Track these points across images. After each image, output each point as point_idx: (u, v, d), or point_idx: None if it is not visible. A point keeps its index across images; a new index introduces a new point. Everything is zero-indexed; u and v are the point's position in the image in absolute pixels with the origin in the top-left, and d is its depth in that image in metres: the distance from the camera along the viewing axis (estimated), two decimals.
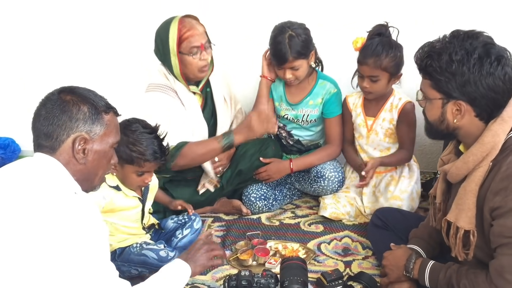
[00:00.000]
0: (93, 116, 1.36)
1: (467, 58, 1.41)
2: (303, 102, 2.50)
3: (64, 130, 1.33)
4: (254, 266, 2.08)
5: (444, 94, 1.47)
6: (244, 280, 1.79)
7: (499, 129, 1.45)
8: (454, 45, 1.43)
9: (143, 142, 1.88)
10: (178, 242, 2.13)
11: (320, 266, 2.12)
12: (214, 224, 2.45)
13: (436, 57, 1.45)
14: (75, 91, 1.38)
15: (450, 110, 1.49)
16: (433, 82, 1.48)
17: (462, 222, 1.52)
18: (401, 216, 2.09)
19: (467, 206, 1.50)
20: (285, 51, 2.28)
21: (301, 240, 2.30)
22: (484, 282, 1.45)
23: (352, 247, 2.25)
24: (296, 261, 1.90)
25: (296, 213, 2.56)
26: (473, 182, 1.49)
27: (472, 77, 1.41)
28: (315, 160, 2.51)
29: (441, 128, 1.53)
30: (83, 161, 1.36)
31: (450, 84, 1.44)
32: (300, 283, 1.79)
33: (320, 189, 2.48)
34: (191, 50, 2.24)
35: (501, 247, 1.43)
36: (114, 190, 1.95)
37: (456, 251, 1.56)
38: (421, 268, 1.64)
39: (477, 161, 1.48)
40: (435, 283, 1.59)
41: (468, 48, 1.42)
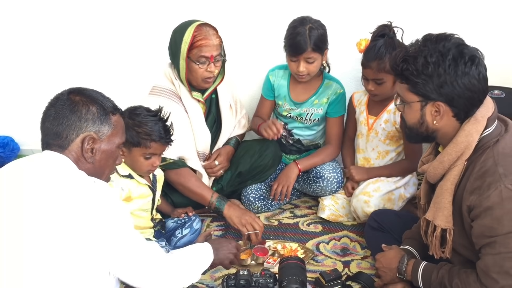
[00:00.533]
0: (102, 117, 1.40)
1: (442, 60, 1.45)
2: (308, 101, 2.50)
3: (73, 129, 1.37)
4: (252, 265, 2.09)
5: (422, 96, 1.51)
6: (242, 279, 1.79)
7: (472, 129, 1.48)
8: (428, 48, 1.47)
9: (148, 124, 1.92)
10: (177, 242, 2.14)
11: (318, 266, 2.12)
12: (213, 224, 2.46)
13: (412, 61, 1.49)
14: (84, 92, 1.42)
15: (429, 112, 1.52)
16: (410, 85, 1.52)
17: (439, 221, 1.55)
18: (397, 218, 2.09)
19: (443, 204, 1.54)
20: (304, 40, 2.27)
21: (299, 240, 2.30)
22: (475, 281, 1.47)
23: (350, 247, 2.26)
24: (294, 260, 1.90)
25: (295, 213, 2.56)
26: (449, 181, 1.52)
27: (448, 77, 1.44)
28: (318, 161, 2.51)
29: (420, 130, 1.56)
30: (91, 160, 1.40)
31: (428, 86, 1.48)
32: (299, 282, 1.79)
33: (319, 190, 2.48)
34: (199, 59, 2.22)
35: (484, 247, 1.45)
36: (128, 178, 1.98)
37: (433, 249, 1.60)
38: (414, 269, 1.66)
39: (452, 161, 1.51)
40: (428, 283, 1.61)
41: (442, 50, 1.46)
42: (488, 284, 1.43)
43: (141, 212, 2.04)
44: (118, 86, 2.87)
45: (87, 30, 2.83)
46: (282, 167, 2.67)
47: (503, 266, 1.41)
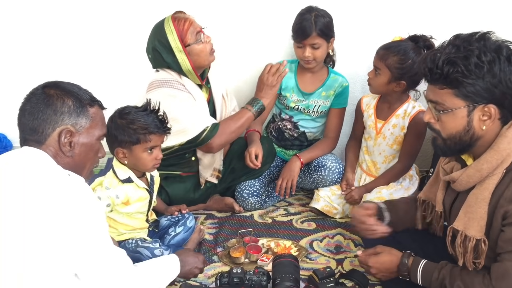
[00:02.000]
0: (78, 109, 1.38)
1: (498, 58, 1.36)
2: (316, 92, 2.53)
3: (49, 123, 1.35)
4: (246, 263, 2.08)
5: (471, 100, 1.39)
6: (236, 277, 1.79)
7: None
8: (478, 46, 1.37)
9: (141, 118, 1.90)
10: (171, 240, 2.13)
11: (312, 263, 2.12)
12: (206, 221, 2.45)
13: (461, 62, 1.36)
14: (59, 85, 1.40)
15: (478, 117, 1.41)
16: (457, 89, 1.39)
17: (473, 231, 1.46)
18: None
19: (479, 214, 1.45)
20: (309, 26, 2.33)
21: (293, 238, 2.30)
22: (480, 283, 1.44)
23: (344, 245, 2.26)
24: (288, 258, 1.90)
25: (288, 210, 2.56)
26: (487, 190, 1.44)
27: (503, 76, 1.36)
28: (319, 153, 2.56)
29: (464, 139, 1.44)
30: (70, 154, 1.39)
31: (478, 87, 1.36)
32: (292, 280, 1.79)
33: (320, 179, 2.49)
34: (197, 36, 2.25)
35: (509, 253, 1.41)
36: (126, 183, 1.96)
37: (466, 260, 1.50)
38: (413, 267, 1.64)
39: (491, 169, 1.43)
40: (428, 282, 1.59)
41: (494, 47, 1.37)
42: (499, 287, 1.41)
43: (137, 214, 2.03)
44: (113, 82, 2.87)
45: (80, 27, 2.80)
46: (278, 163, 2.68)
47: None
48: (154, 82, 2.29)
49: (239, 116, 2.38)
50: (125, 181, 1.97)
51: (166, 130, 1.97)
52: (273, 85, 2.39)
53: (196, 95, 2.33)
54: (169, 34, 2.21)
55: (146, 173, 2.05)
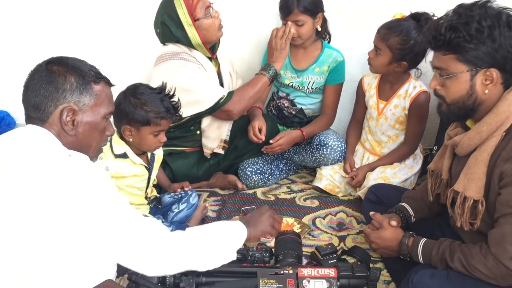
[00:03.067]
0: (81, 86, 1.34)
1: (498, 23, 1.39)
2: (309, 69, 2.50)
3: (51, 101, 1.32)
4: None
5: (473, 64, 1.43)
6: (238, 253, 1.79)
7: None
8: (478, 13, 1.41)
9: (155, 101, 1.90)
10: (174, 217, 2.15)
11: (314, 240, 2.14)
12: (209, 199, 2.46)
13: (463, 27, 1.41)
14: (62, 61, 1.36)
15: (480, 81, 1.45)
16: (459, 54, 1.43)
17: (471, 192, 1.51)
18: (397, 192, 2.09)
19: (477, 175, 1.50)
20: (292, 2, 2.27)
21: (296, 215, 2.31)
22: (478, 253, 1.46)
23: (346, 222, 2.27)
24: (290, 235, 1.91)
25: (291, 188, 2.57)
26: (485, 152, 1.48)
27: (504, 41, 1.40)
28: (317, 128, 2.55)
29: (467, 103, 1.48)
30: (73, 133, 1.35)
31: (480, 51, 1.41)
32: (294, 256, 1.80)
33: (321, 158, 2.49)
34: (206, 11, 2.23)
35: (505, 217, 1.43)
36: (120, 159, 1.96)
37: (462, 220, 1.55)
38: (414, 246, 1.65)
39: (491, 131, 1.47)
40: (429, 259, 1.60)
41: (494, 13, 1.41)
42: (497, 253, 1.41)
43: (134, 189, 2.03)
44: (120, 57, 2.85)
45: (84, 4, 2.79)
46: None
47: None
48: (164, 55, 2.28)
49: (255, 82, 2.35)
50: (120, 156, 1.96)
51: (177, 116, 1.97)
52: (282, 48, 2.33)
53: (207, 66, 2.32)
54: (179, 8, 2.20)
55: (148, 153, 2.05)
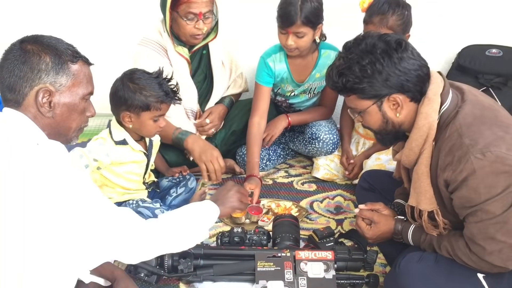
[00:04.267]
0: (57, 66, 1.28)
1: (375, 57, 1.45)
2: (310, 77, 2.43)
3: (26, 82, 1.26)
4: (247, 223, 2.11)
5: (374, 97, 1.50)
6: (236, 236, 1.82)
7: (429, 109, 1.48)
8: (355, 53, 1.47)
9: (154, 86, 1.89)
10: (172, 201, 2.15)
11: (312, 223, 2.15)
12: (207, 183, 2.47)
13: (348, 72, 1.48)
14: (37, 40, 1.30)
15: (388, 108, 1.51)
16: (358, 94, 1.51)
17: (423, 205, 1.55)
18: (389, 179, 2.08)
19: (423, 188, 1.53)
20: (295, 12, 2.13)
21: (294, 199, 2.32)
22: (464, 247, 1.48)
23: (344, 206, 2.28)
24: (288, 218, 1.93)
25: (289, 172, 2.57)
26: (422, 165, 1.52)
27: (388, 69, 1.45)
28: (309, 118, 2.52)
29: (388, 129, 1.56)
30: (50, 115, 1.30)
31: (375, 86, 1.47)
32: (292, 239, 1.82)
33: (314, 151, 2.48)
34: (187, 15, 2.19)
35: (467, 217, 1.46)
36: (120, 145, 1.96)
37: (427, 230, 1.59)
38: (404, 231, 1.68)
39: (420, 145, 1.51)
40: (418, 244, 1.63)
41: (368, 48, 1.46)
42: (477, 251, 1.45)
43: (133, 175, 2.03)
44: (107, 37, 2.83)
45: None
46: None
47: (487, 232, 1.42)
48: (144, 38, 2.33)
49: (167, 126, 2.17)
50: (120, 143, 1.96)
51: (176, 99, 1.96)
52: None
53: (175, 62, 2.32)
54: None
55: (146, 139, 2.04)
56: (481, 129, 1.41)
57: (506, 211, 1.39)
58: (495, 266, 1.44)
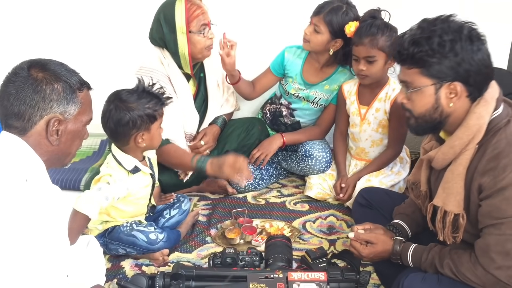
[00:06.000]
0: (68, 96, 1.30)
1: (459, 37, 1.41)
2: (319, 84, 2.48)
3: (37, 111, 1.26)
4: (241, 244, 2.10)
5: (437, 78, 1.45)
6: (229, 257, 1.81)
7: (483, 111, 1.45)
8: (441, 27, 1.43)
9: (146, 96, 1.88)
10: (165, 222, 2.13)
11: (305, 244, 2.14)
12: (200, 203, 2.46)
13: (425, 42, 1.42)
14: (46, 67, 1.30)
15: (444, 95, 1.47)
16: (423, 68, 1.45)
17: (451, 206, 1.51)
18: (386, 196, 2.10)
19: (456, 189, 1.50)
20: (324, 6, 2.29)
21: (286, 219, 2.32)
22: (468, 261, 1.47)
23: (337, 226, 2.28)
24: (281, 239, 1.91)
25: (282, 192, 2.57)
26: (461, 166, 1.49)
27: (465, 54, 1.41)
28: (303, 138, 2.54)
29: (434, 116, 1.50)
30: (57, 143, 1.31)
31: (443, 65, 1.43)
32: (285, 260, 1.81)
33: (307, 169, 2.49)
34: (201, 28, 2.24)
35: (488, 228, 1.44)
36: (134, 173, 1.93)
37: (445, 235, 1.56)
38: (403, 252, 1.66)
39: (463, 145, 1.47)
40: (419, 264, 1.61)
41: (455, 27, 1.43)
42: (485, 263, 1.43)
43: (141, 200, 2.01)
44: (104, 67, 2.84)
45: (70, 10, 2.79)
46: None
47: (504, 246, 1.41)
48: (142, 68, 2.30)
49: (182, 156, 2.26)
50: (133, 171, 1.93)
51: (168, 99, 1.96)
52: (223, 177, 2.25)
53: (180, 89, 2.32)
54: (178, 13, 2.20)
55: (145, 157, 2.03)
56: None
57: None
58: (499, 282, 1.43)
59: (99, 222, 1.98)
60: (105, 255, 1.93)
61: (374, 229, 1.78)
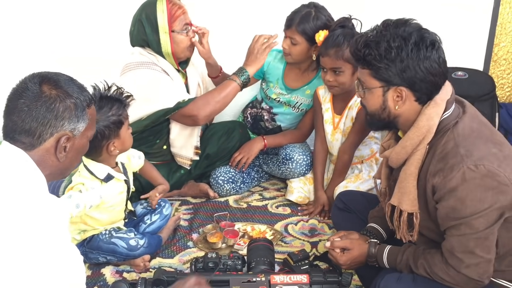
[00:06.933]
0: (79, 113, 1.29)
1: (405, 44, 1.45)
2: (300, 89, 2.48)
3: (49, 128, 1.25)
4: (223, 248, 2.09)
5: (385, 81, 1.50)
6: (210, 262, 1.80)
7: (433, 112, 1.50)
8: (390, 32, 1.47)
9: (107, 103, 1.84)
10: (146, 228, 2.10)
11: (287, 247, 2.14)
12: (181, 208, 2.44)
13: (375, 46, 1.47)
14: (58, 84, 1.28)
15: (391, 97, 1.52)
16: (372, 70, 1.50)
17: (405, 205, 1.55)
18: (363, 199, 2.11)
19: (408, 189, 1.54)
20: (293, 17, 2.28)
21: (268, 222, 2.32)
22: (440, 262, 1.50)
23: (318, 228, 2.29)
24: (263, 242, 1.92)
25: (263, 195, 2.57)
26: (412, 165, 1.53)
27: (411, 62, 1.45)
28: (284, 141, 2.54)
29: (382, 116, 1.56)
30: (63, 159, 1.30)
31: (390, 71, 1.47)
32: (267, 263, 1.81)
33: (287, 172, 2.50)
34: (183, 27, 2.24)
35: (449, 229, 1.48)
36: (107, 181, 1.90)
37: (400, 233, 1.61)
38: (378, 254, 1.68)
39: (414, 145, 1.52)
40: (394, 265, 1.63)
41: (404, 34, 1.46)
42: (454, 264, 1.46)
43: (116, 206, 1.98)
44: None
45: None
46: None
47: (467, 246, 1.44)
48: (129, 64, 2.26)
49: (224, 87, 2.30)
50: (106, 179, 1.90)
51: (128, 98, 1.92)
52: (259, 53, 2.28)
53: (173, 75, 2.31)
54: (160, 13, 2.20)
55: (118, 163, 2.00)
56: (477, 142, 1.45)
57: (488, 228, 1.42)
58: (471, 280, 1.46)
59: (76, 232, 1.95)
60: (85, 263, 1.90)
61: (348, 235, 1.79)
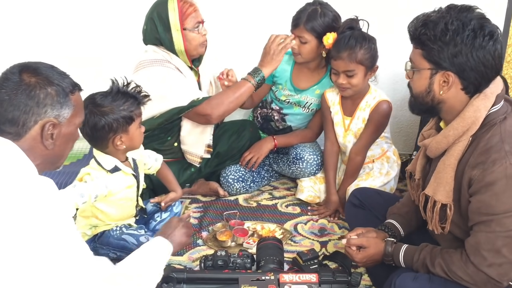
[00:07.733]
0: (61, 99, 1.29)
1: (462, 29, 1.42)
2: (310, 89, 2.48)
3: (31, 116, 1.26)
4: (232, 246, 2.10)
5: (434, 64, 1.48)
6: (220, 260, 1.80)
7: (481, 105, 1.47)
8: (451, 15, 1.44)
9: (121, 97, 1.85)
10: (156, 225, 2.12)
11: (296, 246, 2.14)
12: (191, 206, 2.45)
13: (432, 26, 1.45)
14: (38, 72, 1.29)
15: (438, 81, 1.49)
16: (424, 51, 1.48)
17: (439, 196, 1.54)
18: (379, 196, 2.10)
19: (445, 180, 1.52)
20: (300, 16, 2.28)
21: (278, 221, 2.32)
22: (459, 260, 1.48)
23: (328, 227, 2.28)
24: (272, 241, 1.92)
25: (273, 194, 2.57)
26: (452, 157, 1.51)
27: (464, 48, 1.42)
28: (295, 141, 2.54)
29: (426, 100, 1.53)
30: (52, 147, 1.30)
31: (442, 53, 1.45)
32: (276, 262, 1.81)
33: (298, 171, 2.49)
34: (195, 25, 2.26)
35: (478, 225, 1.45)
36: (114, 173, 1.92)
37: (433, 224, 1.59)
38: (395, 253, 1.67)
39: (457, 135, 1.50)
40: (410, 265, 1.62)
41: (464, 19, 1.43)
42: (476, 261, 1.44)
43: (126, 201, 1.99)
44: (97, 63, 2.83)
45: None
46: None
47: (495, 244, 1.42)
48: (143, 62, 2.27)
49: (238, 86, 2.30)
50: (113, 171, 1.91)
51: (143, 98, 1.92)
52: (275, 54, 2.26)
53: (187, 73, 2.33)
54: (171, 11, 2.22)
55: (129, 158, 2.02)
56: None
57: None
58: (490, 280, 1.44)
59: (88, 227, 1.97)
60: None
61: (366, 233, 1.78)
